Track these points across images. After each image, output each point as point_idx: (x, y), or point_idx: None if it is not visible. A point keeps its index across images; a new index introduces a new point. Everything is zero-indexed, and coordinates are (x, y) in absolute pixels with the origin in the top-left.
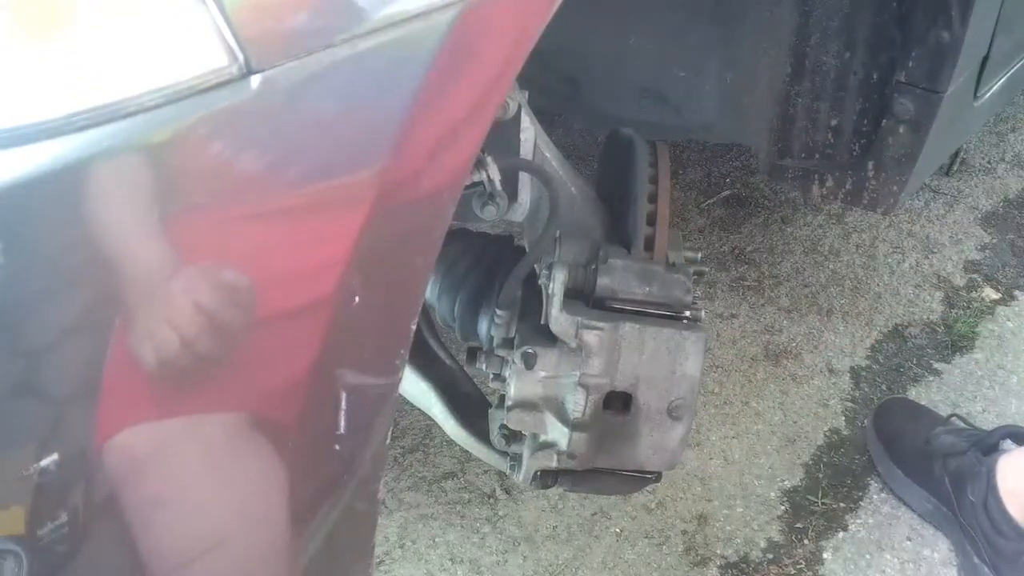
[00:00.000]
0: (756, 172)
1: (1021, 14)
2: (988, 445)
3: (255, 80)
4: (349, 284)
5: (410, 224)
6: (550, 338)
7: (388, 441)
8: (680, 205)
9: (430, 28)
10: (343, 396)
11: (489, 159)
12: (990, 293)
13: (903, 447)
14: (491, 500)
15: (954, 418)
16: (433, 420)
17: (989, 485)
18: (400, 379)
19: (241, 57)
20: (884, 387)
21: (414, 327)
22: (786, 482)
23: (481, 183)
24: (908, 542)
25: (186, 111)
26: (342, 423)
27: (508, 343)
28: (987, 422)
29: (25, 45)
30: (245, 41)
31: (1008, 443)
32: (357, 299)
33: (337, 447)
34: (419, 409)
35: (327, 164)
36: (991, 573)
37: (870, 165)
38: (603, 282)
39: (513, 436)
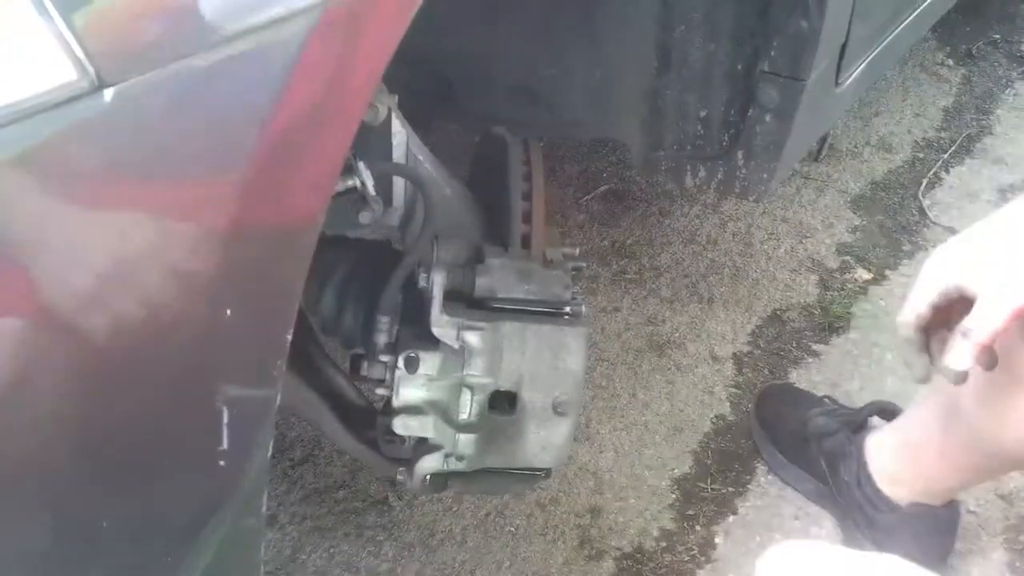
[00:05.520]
0: (631, 166)
1: (876, 1)
2: (857, 424)
3: (108, 94)
4: (217, 296)
5: (277, 233)
6: (432, 341)
7: (270, 454)
8: (558, 202)
9: (288, 35)
10: (224, 411)
11: (361, 165)
12: (863, 274)
13: (783, 431)
14: (384, 507)
15: (826, 399)
16: (320, 430)
17: (859, 463)
18: (279, 390)
19: (91, 71)
20: (766, 371)
21: (290, 337)
22: (676, 470)
23: (355, 189)
24: (796, 521)
25: (37, 128)
26: (225, 438)
27: (391, 348)
28: (864, 399)
29: None
30: (95, 54)
31: (876, 419)
32: (229, 311)
33: (221, 463)
34: (306, 420)
35: (186, 175)
36: (872, 546)
37: (740, 154)
38: (482, 282)
39: (401, 442)
